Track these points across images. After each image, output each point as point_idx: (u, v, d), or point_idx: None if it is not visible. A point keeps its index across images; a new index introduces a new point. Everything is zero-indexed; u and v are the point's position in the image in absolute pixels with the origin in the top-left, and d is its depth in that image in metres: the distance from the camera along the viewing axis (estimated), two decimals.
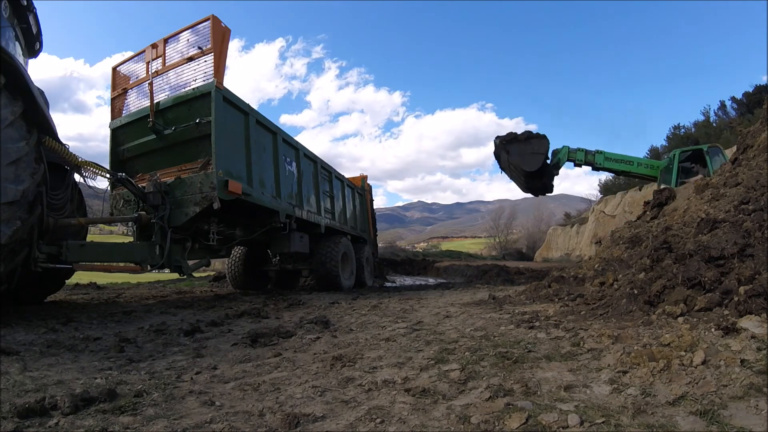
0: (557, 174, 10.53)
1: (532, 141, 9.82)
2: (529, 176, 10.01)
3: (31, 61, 4.71)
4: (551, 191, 11.12)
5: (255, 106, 6.46)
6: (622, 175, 10.06)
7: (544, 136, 9.91)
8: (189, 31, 5.87)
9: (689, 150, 9.96)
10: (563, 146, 10.36)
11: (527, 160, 9.69)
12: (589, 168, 10.85)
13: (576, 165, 10.36)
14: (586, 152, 10.23)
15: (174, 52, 5.96)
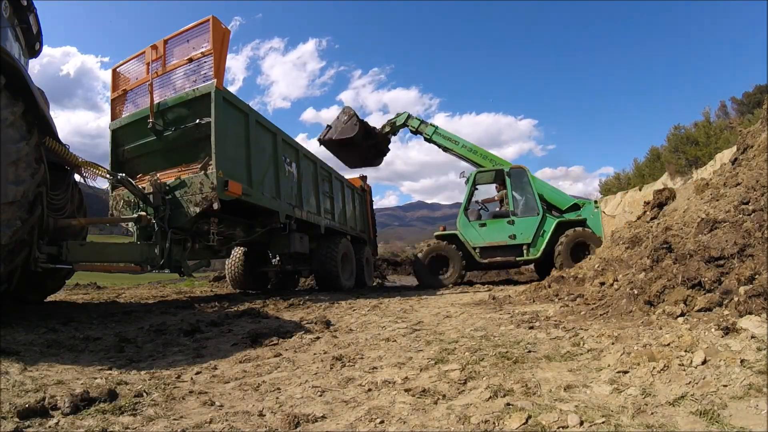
0: (391, 137, 11.59)
1: (340, 115, 10.96)
2: (357, 143, 10.85)
3: (61, 50, 4.69)
4: (385, 154, 12.09)
5: (288, 105, 6.45)
6: (447, 152, 11.11)
7: (346, 107, 11.13)
8: (189, 32, 5.87)
9: (490, 171, 10.25)
10: (404, 112, 11.40)
11: (346, 129, 10.69)
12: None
13: (411, 132, 11.31)
14: (421, 122, 11.03)
15: (174, 52, 5.97)
